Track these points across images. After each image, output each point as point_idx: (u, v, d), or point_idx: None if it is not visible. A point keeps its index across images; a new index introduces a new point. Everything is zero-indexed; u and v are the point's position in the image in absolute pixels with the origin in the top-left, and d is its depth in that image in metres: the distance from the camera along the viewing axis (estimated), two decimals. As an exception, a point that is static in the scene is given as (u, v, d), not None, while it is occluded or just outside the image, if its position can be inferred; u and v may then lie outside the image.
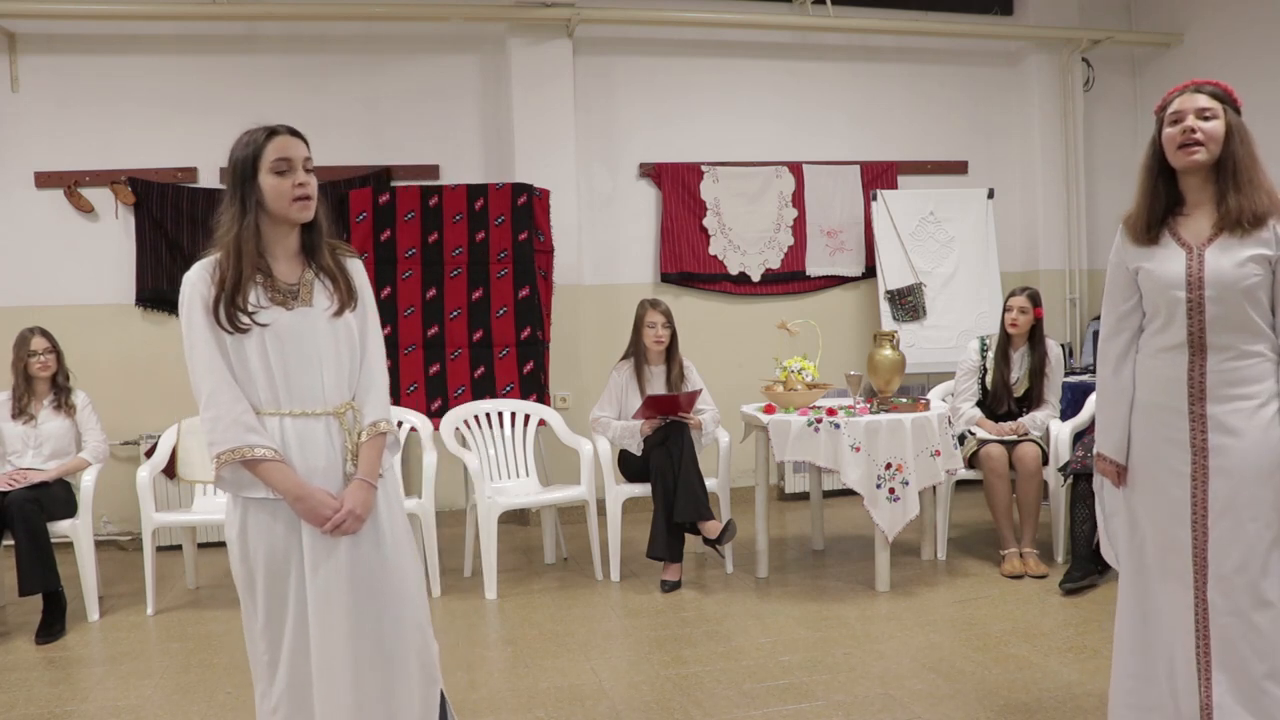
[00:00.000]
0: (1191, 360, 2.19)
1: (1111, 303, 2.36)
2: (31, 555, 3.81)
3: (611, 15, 5.63)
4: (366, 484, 2.08)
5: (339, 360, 2.10)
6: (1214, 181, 2.19)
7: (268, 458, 2.01)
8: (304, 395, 2.06)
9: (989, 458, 4.36)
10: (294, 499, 2.02)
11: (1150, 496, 2.28)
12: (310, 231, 2.13)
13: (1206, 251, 2.17)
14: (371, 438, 2.11)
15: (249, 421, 2.01)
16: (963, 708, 2.89)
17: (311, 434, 2.07)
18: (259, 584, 2.06)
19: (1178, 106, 2.20)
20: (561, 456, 5.05)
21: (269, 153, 2.04)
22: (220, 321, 2.01)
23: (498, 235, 5.08)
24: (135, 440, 5.23)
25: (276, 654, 2.07)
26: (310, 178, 2.07)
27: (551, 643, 3.61)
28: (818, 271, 6.20)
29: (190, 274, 2.06)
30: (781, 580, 4.38)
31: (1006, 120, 6.51)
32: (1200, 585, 2.18)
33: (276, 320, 2.04)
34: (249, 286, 2.03)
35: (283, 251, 2.11)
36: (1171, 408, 2.22)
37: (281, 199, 2.04)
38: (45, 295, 5.26)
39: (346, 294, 2.12)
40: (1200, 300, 2.16)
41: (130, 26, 5.32)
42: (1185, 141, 2.15)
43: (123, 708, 3.09)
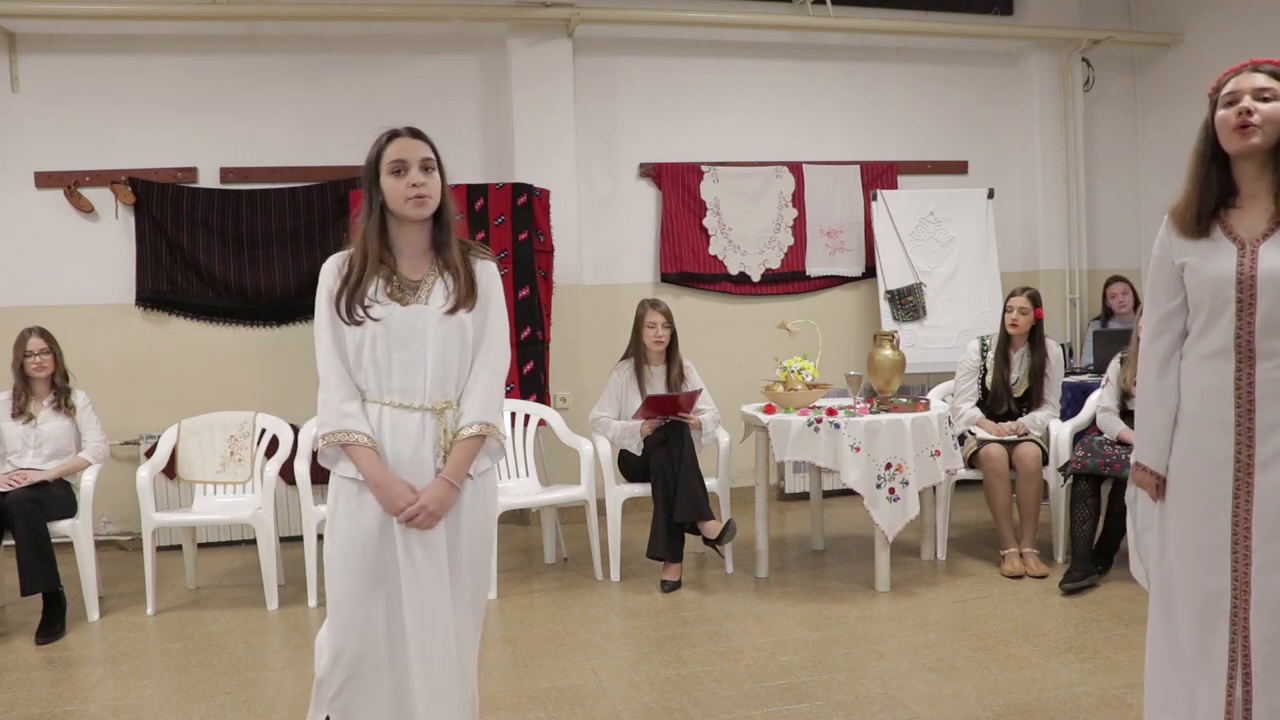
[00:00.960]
0: (1239, 367, 2.02)
1: (1154, 302, 2.17)
2: (32, 555, 3.81)
3: (611, 15, 5.63)
4: (447, 483, 2.13)
5: (445, 358, 2.15)
6: (1272, 169, 2.00)
7: (360, 443, 2.11)
8: (405, 387, 2.14)
9: (989, 458, 4.36)
10: (374, 484, 2.11)
11: (1188, 513, 2.12)
12: (439, 229, 2.20)
13: (1261, 248, 1.99)
14: (466, 439, 2.15)
15: (349, 409, 2.13)
16: (963, 708, 2.89)
17: (405, 425, 2.14)
18: (337, 558, 2.14)
19: (1233, 87, 2.01)
20: (561, 456, 5.05)
21: (388, 154, 2.14)
22: (340, 313, 2.14)
23: (498, 235, 5.08)
24: (135, 440, 5.23)
25: (346, 633, 2.12)
26: (427, 176, 2.14)
27: (551, 643, 3.61)
28: (818, 271, 6.20)
29: (325, 265, 2.20)
30: (781, 580, 4.38)
31: (1006, 120, 6.51)
32: (1241, 610, 2.03)
33: (389, 315, 2.12)
34: (370, 282, 2.14)
35: (410, 248, 2.20)
36: (1215, 419, 2.05)
37: (397, 198, 2.13)
38: (45, 295, 5.26)
39: (466, 292, 2.17)
40: (1251, 301, 1.98)
41: (130, 26, 5.32)
42: (1241, 124, 1.97)
43: (123, 708, 3.09)
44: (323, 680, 2.16)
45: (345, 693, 2.13)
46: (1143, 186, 6.64)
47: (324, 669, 2.16)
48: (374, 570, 2.12)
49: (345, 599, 2.13)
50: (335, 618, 2.14)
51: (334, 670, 2.14)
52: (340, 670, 2.13)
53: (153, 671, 3.43)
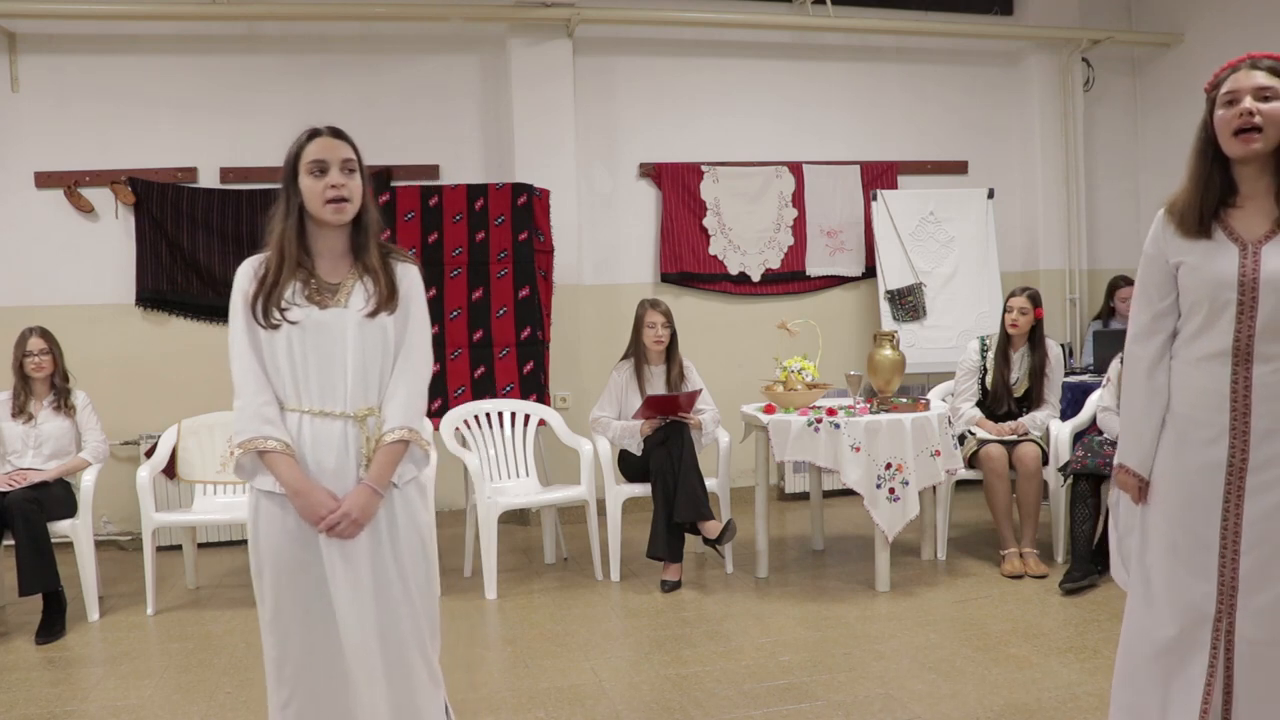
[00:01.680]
0: (1235, 370, 1.97)
1: (1146, 300, 2.11)
2: (31, 555, 3.80)
3: (611, 15, 5.63)
4: (370, 489, 2.05)
5: (365, 362, 2.08)
6: (1272, 171, 1.95)
7: (277, 450, 2.02)
8: (323, 394, 2.07)
9: (989, 458, 4.36)
10: (293, 493, 2.02)
11: (1174, 517, 2.06)
12: (358, 232, 2.14)
13: (1264, 249, 1.93)
14: (389, 445, 2.07)
15: (268, 414, 2.04)
16: (963, 708, 2.89)
17: (327, 433, 2.07)
18: (266, 576, 2.08)
19: (1232, 86, 1.95)
20: (561, 456, 5.05)
21: (307, 154, 2.08)
22: (255, 316, 2.05)
23: (498, 235, 5.08)
24: (135, 440, 5.23)
25: (284, 649, 2.08)
26: (347, 179, 2.08)
27: (551, 643, 3.61)
28: (818, 271, 6.20)
29: (240, 268, 2.11)
30: (781, 580, 4.38)
31: (1006, 120, 6.51)
32: (1225, 616, 1.99)
33: (307, 318, 2.05)
34: (287, 284, 2.06)
35: (329, 251, 2.13)
36: (1208, 422, 2.00)
37: (315, 200, 2.07)
38: (45, 295, 5.26)
39: (386, 296, 2.10)
40: (1253, 303, 1.93)
41: (130, 26, 5.32)
42: (1242, 127, 1.91)
43: (123, 708, 3.09)
44: (271, 691, 2.13)
45: (292, 704, 2.10)
46: (1143, 186, 6.64)
47: (271, 682, 2.12)
48: (304, 585, 2.06)
49: (281, 614, 2.07)
50: (274, 631, 2.08)
51: (280, 683, 2.10)
52: (286, 683, 2.09)
53: (153, 671, 3.43)
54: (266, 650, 2.11)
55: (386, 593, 2.08)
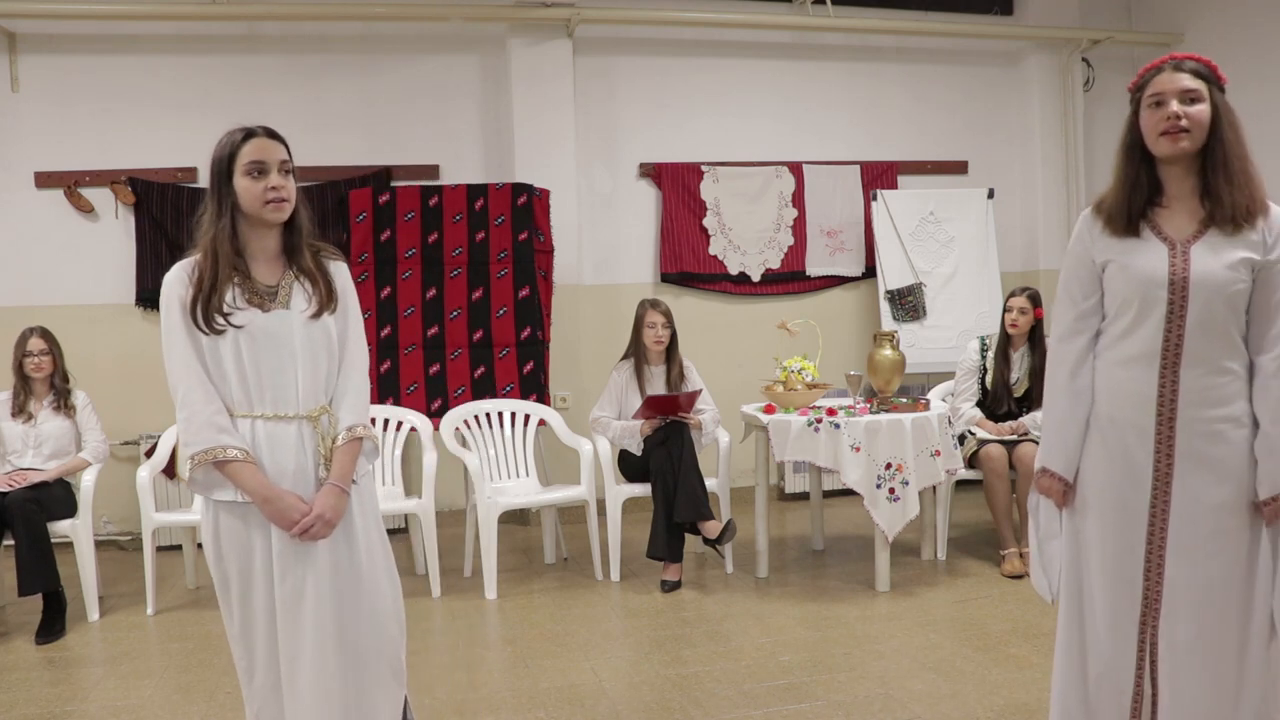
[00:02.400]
0: (1163, 373, 1.94)
1: (1070, 299, 2.09)
2: (31, 555, 3.81)
3: (611, 15, 5.63)
4: (338, 489, 2.06)
5: (314, 363, 2.08)
6: (1197, 172, 1.96)
7: (238, 459, 1.99)
8: (276, 398, 2.05)
9: (989, 458, 4.36)
10: (262, 501, 2.01)
11: (1100, 522, 2.03)
12: (290, 233, 2.11)
13: (1193, 249, 1.93)
14: (346, 443, 2.08)
15: (221, 422, 2.00)
16: (963, 708, 2.89)
17: (283, 437, 2.05)
18: (232, 588, 2.07)
19: (1158, 88, 1.95)
20: (561, 456, 5.05)
21: (243, 155, 2.04)
22: (196, 322, 2.00)
23: (498, 235, 5.08)
24: (135, 440, 5.23)
25: (252, 658, 2.08)
26: (285, 180, 2.06)
27: (551, 643, 3.61)
28: (818, 271, 6.20)
29: (169, 275, 2.05)
30: (781, 580, 4.38)
31: (1006, 120, 6.51)
32: (1151, 626, 1.98)
33: (251, 322, 2.02)
34: (225, 288, 2.02)
35: (262, 253, 2.10)
36: (1134, 425, 1.98)
37: (254, 201, 2.03)
38: (45, 295, 5.26)
39: (326, 296, 2.10)
40: (1183, 303, 1.92)
41: (130, 26, 5.32)
42: (1169, 129, 1.92)
43: (123, 708, 3.09)
44: (248, 699, 2.13)
45: (264, 714, 2.10)
46: (1143, 186, 6.63)
47: (244, 692, 2.12)
48: (268, 595, 2.05)
49: (248, 627, 2.07)
50: (242, 642, 2.08)
51: (250, 696, 2.10)
52: (256, 692, 2.09)
53: (153, 671, 3.43)
54: (236, 661, 2.11)
55: (347, 592, 2.08)
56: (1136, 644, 2.00)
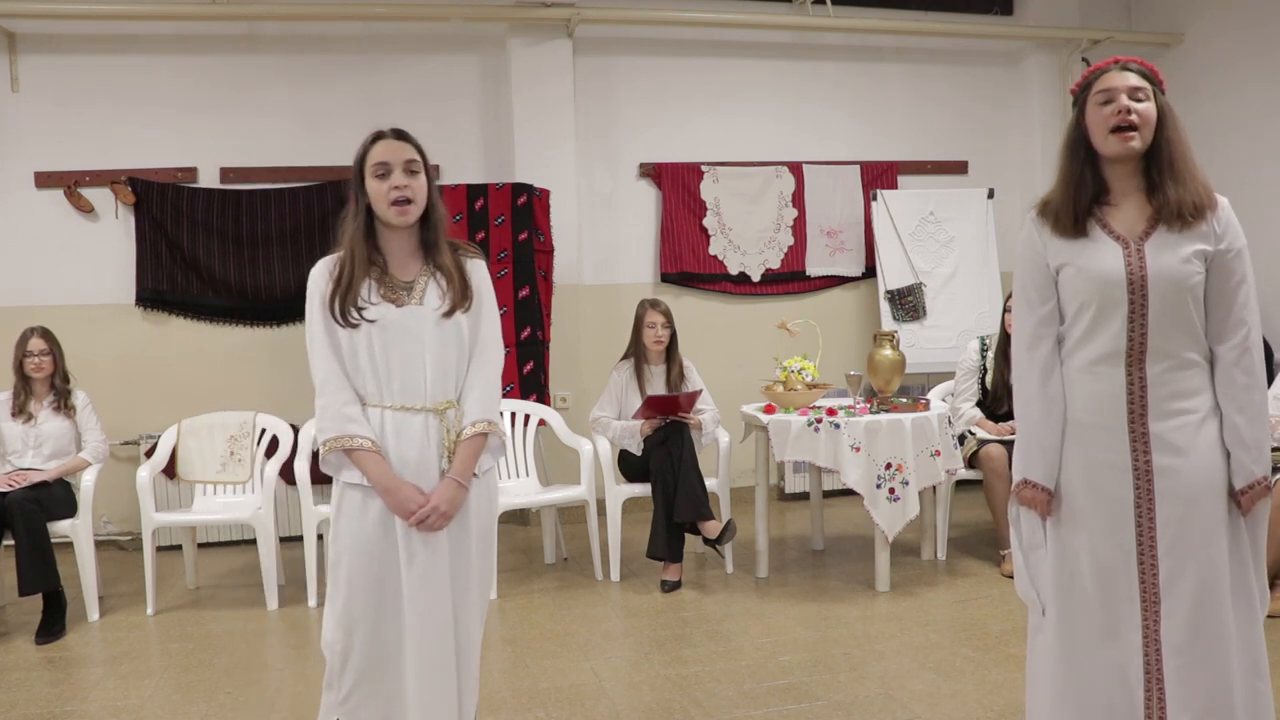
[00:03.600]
0: (1130, 371, 1.95)
1: (1028, 306, 2.06)
2: (31, 555, 3.80)
3: (611, 15, 5.63)
4: (456, 483, 2.12)
5: (444, 359, 2.14)
6: (1142, 170, 1.97)
7: (364, 447, 2.09)
8: (405, 390, 2.13)
9: (989, 458, 4.36)
10: (382, 490, 2.09)
11: (1088, 529, 2.01)
12: (427, 230, 2.18)
13: (1146, 246, 1.93)
14: (470, 437, 2.14)
15: (351, 412, 2.11)
16: (963, 708, 2.89)
17: (409, 428, 2.12)
18: (343, 566, 2.12)
19: (1106, 85, 1.94)
20: (561, 456, 5.05)
21: (372, 156, 2.13)
22: (334, 315, 2.11)
23: (498, 235, 5.08)
24: (135, 440, 5.23)
25: (351, 640, 2.11)
26: (411, 179, 2.12)
27: (551, 643, 3.61)
28: (818, 271, 6.20)
29: (314, 270, 2.17)
30: (781, 580, 4.38)
31: (1006, 120, 6.51)
32: (1152, 624, 1.96)
33: (385, 316, 2.11)
34: (360, 284, 2.12)
35: (400, 250, 2.18)
36: (1108, 426, 1.97)
37: (381, 201, 2.12)
38: (45, 295, 5.26)
39: (460, 294, 2.16)
40: (1143, 301, 1.92)
41: (130, 26, 5.32)
42: (1120, 124, 1.91)
43: (123, 708, 3.09)
44: (331, 683, 2.15)
45: (354, 697, 2.12)
46: (1143, 186, 6.63)
47: (332, 672, 2.15)
48: (380, 575, 2.11)
49: (353, 604, 2.11)
50: (343, 623, 2.12)
51: (343, 674, 2.12)
52: (349, 675, 2.12)
53: (153, 671, 3.43)
54: (330, 643, 2.14)
55: (460, 582, 2.14)
56: (1141, 650, 1.96)
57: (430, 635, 2.09)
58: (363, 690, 2.12)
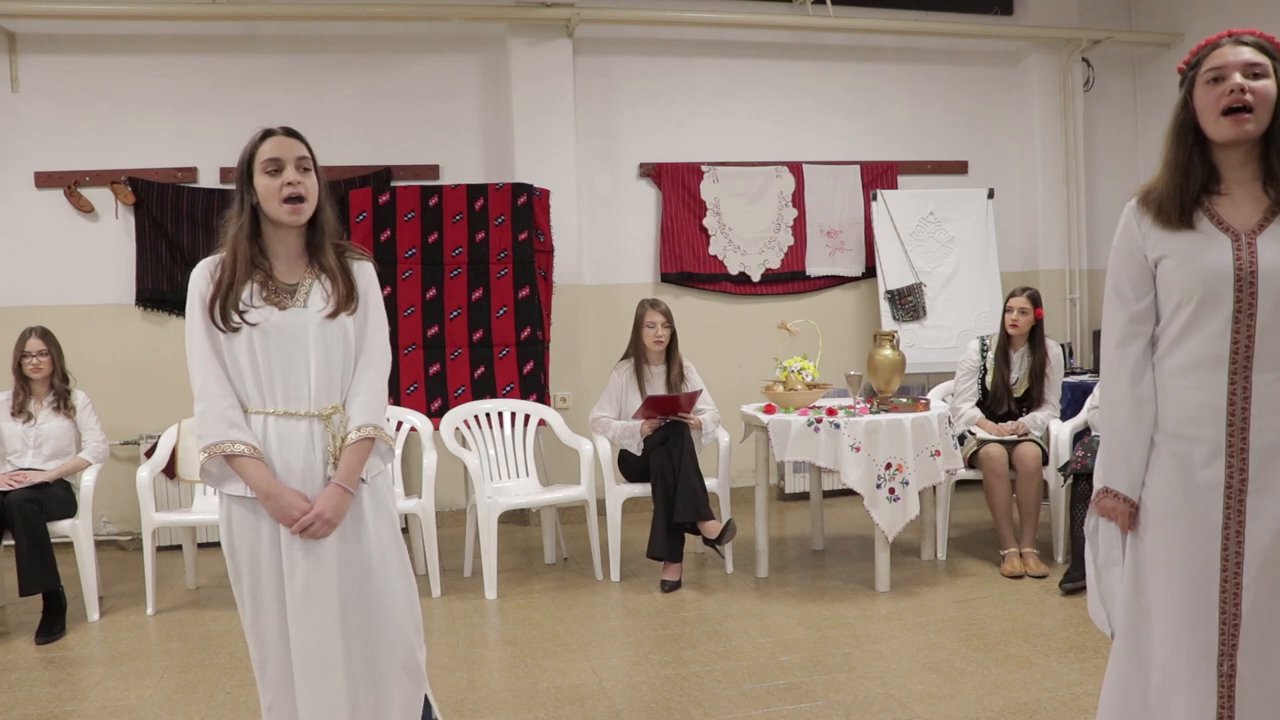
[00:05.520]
0: (1233, 379, 1.76)
1: (1121, 301, 1.88)
2: (31, 555, 3.81)
3: (611, 15, 5.63)
4: (341, 488, 2.05)
5: (328, 363, 2.08)
6: (1259, 157, 1.78)
7: (245, 454, 2.01)
8: (288, 395, 2.06)
9: (989, 458, 4.36)
10: (264, 496, 2.02)
11: (1168, 547, 1.84)
12: (313, 232, 2.13)
13: (1258, 240, 1.75)
14: (355, 442, 2.07)
15: (233, 417, 2.02)
16: (963, 708, 2.89)
17: (293, 434, 2.06)
18: (244, 580, 2.07)
19: (1218, 62, 1.77)
20: (561, 456, 5.05)
21: (261, 153, 2.06)
22: (214, 319, 2.04)
23: (498, 235, 5.08)
24: (135, 440, 5.23)
25: (264, 651, 2.09)
26: (303, 177, 2.06)
27: (551, 643, 3.61)
28: (818, 271, 6.20)
29: (194, 271, 2.10)
30: (781, 580, 4.38)
31: (1006, 120, 6.51)
32: (1228, 655, 1.78)
33: (267, 320, 2.04)
34: (243, 286, 2.05)
35: (285, 251, 2.12)
36: (1202, 439, 1.79)
37: (272, 199, 2.05)
38: (45, 295, 5.26)
39: (345, 296, 2.10)
40: (1251, 300, 1.73)
41: (130, 26, 5.32)
42: (1233, 105, 1.72)
43: (123, 708, 3.09)
44: (261, 691, 2.14)
45: (275, 709, 2.11)
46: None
47: (258, 684, 2.13)
48: (280, 587, 2.05)
49: (261, 617, 2.07)
50: (254, 635, 2.08)
51: (263, 685, 2.11)
52: (269, 686, 2.10)
53: (153, 671, 3.43)
54: (251, 653, 2.12)
55: (354, 591, 2.08)
56: (1216, 686, 1.79)
57: (312, 648, 2.04)
58: (284, 700, 2.09)
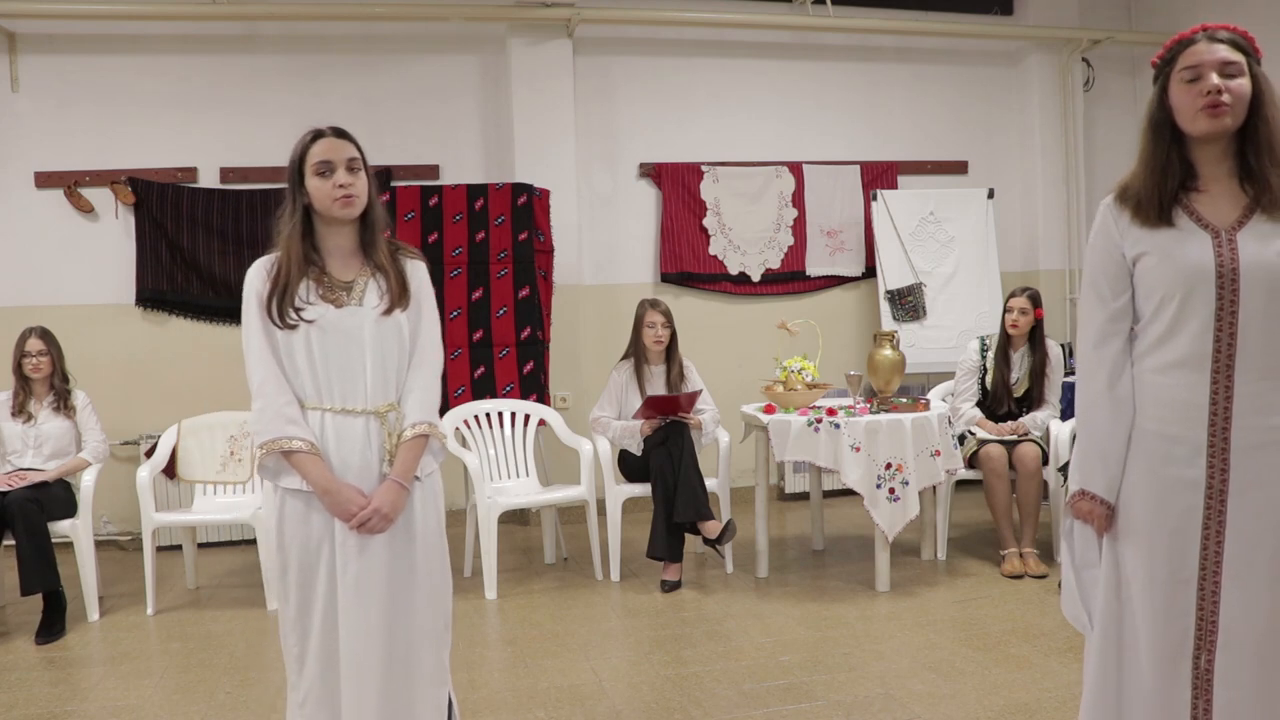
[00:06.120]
0: (1215, 378, 1.74)
1: (1099, 300, 1.87)
2: (32, 555, 3.81)
3: (611, 15, 5.63)
4: (398, 484, 2.10)
5: (383, 360, 2.12)
6: (1235, 153, 1.78)
7: (302, 450, 2.05)
8: (344, 392, 2.10)
9: (989, 458, 4.36)
10: (322, 492, 2.05)
11: (1148, 549, 1.82)
12: (365, 229, 2.17)
13: (1239, 236, 1.73)
14: (410, 439, 2.12)
15: (290, 414, 2.06)
16: (963, 708, 2.89)
17: (349, 431, 2.10)
18: (291, 574, 2.10)
19: (1194, 59, 1.77)
20: (561, 456, 5.05)
21: (312, 155, 2.12)
22: (271, 317, 2.08)
23: (498, 235, 5.08)
24: (135, 440, 5.23)
25: (305, 646, 2.11)
26: (353, 177, 2.11)
27: (551, 643, 3.61)
28: (818, 271, 6.20)
29: (250, 270, 2.14)
30: (781, 580, 4.38)
31: (1006, 120, 6.52)
32: (1205, 659, 1.77)
33: (323, 317, 2.08)
34: (298, 284, 2.09)
35: (338, 250, 2.17)
36: (1183, 439, 1.78)
37: (324, 199, 2.10)
38: (45, 295, 5.26)
39: (399, 293, 2.14)
40: (1233, 298, 1.72)
41: (130, 26, 5.32)
42: (1211, 104, 1.72)
43: (123, 708, 3.09)
44: (293, 685, 2.14)
45: (309, 703, 2.11)
46: (1143, 186, 6.63)
47: (291, 675, 2.14)
48: (327, 582, 2.09)
49: (305, 612, 2.09)
50: (296, 629, 2.10)
51: (299, 680, 2.12)
52: (305, 680, 2.11)
53: (153, 671, 3.43)
54: (288, 648, 2.13)
55: (402, 587, 2.11)
56: (1190, 683, 1.78)
57: (358, 644, 2.06)
58: (315, 695, 2.10)
